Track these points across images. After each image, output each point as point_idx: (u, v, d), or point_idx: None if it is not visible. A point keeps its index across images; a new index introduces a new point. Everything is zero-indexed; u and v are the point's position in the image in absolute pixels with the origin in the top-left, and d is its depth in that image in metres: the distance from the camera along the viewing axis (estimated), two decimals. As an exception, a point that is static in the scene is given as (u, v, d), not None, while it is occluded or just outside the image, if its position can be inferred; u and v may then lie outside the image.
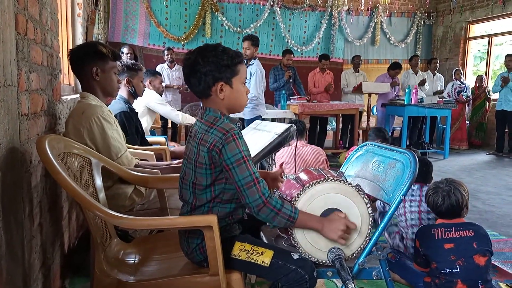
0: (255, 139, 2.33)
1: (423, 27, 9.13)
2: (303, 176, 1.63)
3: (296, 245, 1.45)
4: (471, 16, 8.40)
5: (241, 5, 7.75)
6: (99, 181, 1.68)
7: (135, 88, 2.84)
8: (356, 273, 1.50)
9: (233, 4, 7.71)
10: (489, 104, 7.79)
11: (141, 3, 7.11)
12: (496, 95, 7.09)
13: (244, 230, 1.53)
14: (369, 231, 1.47)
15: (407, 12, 9.01)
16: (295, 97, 6.17)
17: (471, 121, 7.96)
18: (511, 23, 7.82)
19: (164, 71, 6.19)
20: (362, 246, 1.48)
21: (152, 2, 7.22)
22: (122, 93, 2.78)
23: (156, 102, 3.74)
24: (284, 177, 1.74)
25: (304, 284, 1.36)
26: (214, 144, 1.34)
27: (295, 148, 3.38)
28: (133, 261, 1.59)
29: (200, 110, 1.49)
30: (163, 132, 5.87)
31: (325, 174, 1.56)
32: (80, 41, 3.49)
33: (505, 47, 8.47)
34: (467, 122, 7.88)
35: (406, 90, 6.36)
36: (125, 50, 5.67)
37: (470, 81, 8.29)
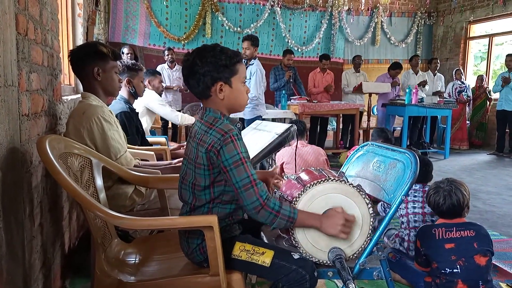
0: (255, 139, 2.33)
1: (423, 27, 9.13)
2: (304, 176, 1.63)
3: (297, 245, 1.45)
4: (472, 16, 8.39)
5: (241, 5, 7.75)
6: (99, 181, 1.68)
7: (136, 88, 2.84)
8: (356, 273, 1.50)
9: (233, 4, 7.71)
10: (489, 104, 7.79)
11: (142, 3, 7.11)
12: (497, 95, 7.08)
13: (244, 230, 1.53)
14: (370, 231, 1.47)
15: (407, 12, 9.01)
16: (295, 97, 6.17)
17: (472, 121, 7.95)
18: (511, 23, 7.81)
19: (165, 71, 6.18)
20: (363, 246, 1.48)
21: (152, 2, 7.22)
22: (123, 93, 2.78)
23: (155, 102, 3.73)
24: (285, 177, 1.74)
25: (305, 284, 1.35)
26: (213, 145, 1.34)
27: (296, 148, 3.38)
28: (134, 261, 1.59)
29: (200, 111, 1.48)
30: (164, 132, 5.86)
31: (326, 174, 1.56)
32: (80, 41, 3.49)
33: (506, 47, 8.47)
34: (468, 122, 7.87)
35: (407, 90, 6.35)
36: (125, 50, 5.67)
37: (471, 81, 8.28)
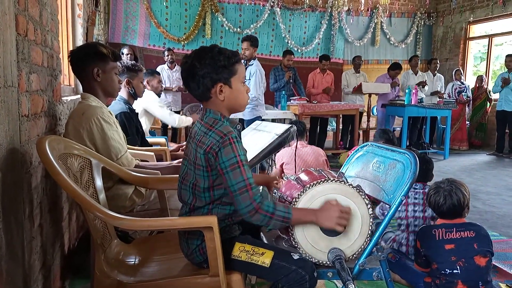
0: (255, 139, 2.33)
1: (423, 27, 9.13)
2: (303, 176, 1.63)
3: (297, 245, 1.45)
4: (471, 17, 8.39)
5: (241, 6, 7.75)
6: (99, 182, 1.68)
7: (135, 89, 2.84)
8: (356, 273, 1.50)
9: (233, 4, 7.71)
10: (489, 105, 7.79)
11: (141, 4, 7.11)
12: (497, 96, 7.09)
13: (244, 231, 1.53)
14: (369, 232, 1.48)
15: (407, 13, 9.01)
16: (295, 97, 6.17)
17: (471, 121, 7.95)
18: (511, 23, 7.82)
19: (164, 72, 6.18)
20: (362, 246, 1.48)
21: (152, 3, 7.22)
22: (122, 94, 2.78)
23: (154, 104, 3.69)
24: (284, 177, 1.74)
25: (305, 285, 1.35)
26: (211, 146, 1.34)
27: (295, 148, 3.38)
28: (133, 262, 1.59)
29: (200, 111, 1.48)
30: (163, 133, 5.86)
31: (325, 175, 1.56)
32: (80, 42, 3.49)
33: (505, 47, 8.47)
34: (467, 122, 7.87)
35: (406, 91, 6.35)
36: (125, 51, 5.67)
37: (470, 82, 8.28)
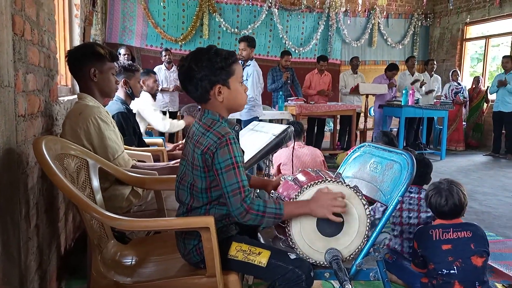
0: (252, 140, 2.33)
1: (420, 28, 9.16)
2: (301, 177, 1.63)
3: (294, 246, 1.45)
4: (468, 18, 8.43)
5: (238, 6, 7.75)
6: (96, 182, 1.68)
7: (132, 89, 2.84)
8: (353, 274, 1.51)
9: (230, 5, 7.72)
10: (487, 105, 7.82)
11: (139, 4, 7.11)
12: (495, 96, 7.11)
13: (241, 231, 1.53)
14: (366, 232, 1.48)
15: (404, 14, 9.04)
16: (292, 98, 6.18)
17: (468, 122, 7.98)
18: (507, 24, 7.85)
19: (162, 72, 6.18)
20: (359, 247, 1.48)
21: (149, 3, 7.21)
22: (119, 94, 2.78)
23: (148, 107, 3.62)
24: (281, 178, 1.74)
25: (301, 284, 1.35)
26: (208, 147, 1.34)
27: (293, 149, 3.38)
28: (130, 263, 1.59)
29: (199, 112, 1.48)
30: (161, 133, 5.84)
31: (323, 175, 1.56)
32: (77, 42, 3.49)
33: (502, 48, 8.50)
34: (464, 123, 7.90)
35: (403, 91, 6.37)
36: (122, 51, 5.66)
37: (467, 83, 8.32)
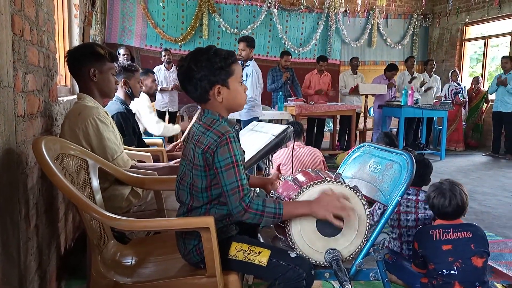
0: (252, 140, 2.33)
1: (419, 29, 9.17)
2: (300, 177, 1.63)
3: (294, 246, 1.45)
4: (467, 18, 8.43)
5: (238, 7, 7.75)
6: (95, 182, 1.68)
7: (132, 89, 2.84)
8: (353, 274, 1.51)
9: (230, 5, 7.72)
10: (487, 106, 7.83)
11: (138, 4, 7.10)
12: (494, 97, 7.11)
13: (241, 231, 1.53)
14: (366, 232, 1.48)
15: (403, 14, 9.05)
16: (292, 98, 6.18)
17: (468, 122, 7.98)
18: (507, 25, 7.86)
19: (161, 73, 6.18)
20: (359, 247, 1.48)
21: (149, 3, 7.21)
22: (119, 94, 2.78)
23: (144, 109, 3.57)
24: (281, 178, 1.74)
25: (302, 282, 1.35)
26: (209, 146, 1.34)
27: (292, 149, 3.38)
28: (130, 263, 1.59)
29: (198, 112, 1.49)
30: (160, 134, 5.84)
31: (322, 176, 1.56)
32: (76, 42, 3.48)
33: (501, 48, 8.51)
34: (464, 123, 7.90)
35: (403, 92, 6.37)
36: (121, 51, 5.66)
37: (466, 83, 8.32)
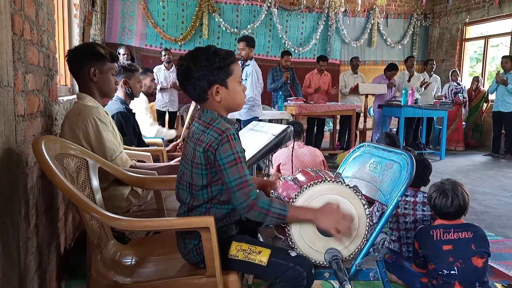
0: (252, 140, 2.33)
1: (419, 28, 9.16)
2: (300, 177, 1.63)
3: (294, 246, 1.45)
4: (467, 18, 8.43)
5: (238, 6, 7.75)
6: (95, 182, 1.68)
7: (132, 89, 2.83)
8: (353, 274, 1.51)
9: (230, 5, 7.71)
10: (487, 105, 7.82)
11: (138, 4, 7.10)
12: (494, 96, 7.11)
13: (241, 231, 1.53)
14: (366, 232, 1.48)
15: (403, 14, 9.04)
16: (292, 98, 6.18)
17: (468, 122, 7.98)
18: (507, 24, 7.86)
19: (161, 72, 6.18)
20: (359, 247, 1.48)
21: (149, 3, 7.21)
22: (119, 94, 2.77)
23: (140, 110, 3.49)
24: (281, 178, 1.74)
25: (302, 281, 1.35)
26: (210, 144, 1.34)
27: (292, 149, 3.38)
28: (130, 263, 1.59)
29: (198, 111, 1.49)
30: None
31: (322, 175, 1.57)
32: (76, 42, 3.48)
33: (501, 48, 8.51)
34: (464, 123, 7.90)
35: (403, 91, 6.37)
36: (121, 51, 5.66)
37: (466, 83, 8.32)
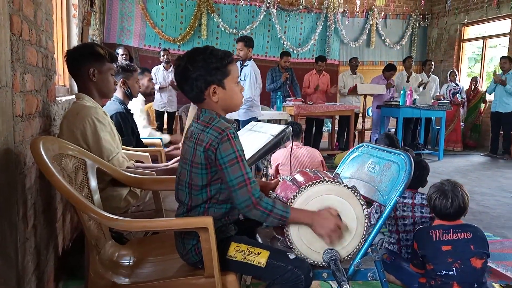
0: (250, 140, 2.33)
1: (418, 29, 9.18)
2: (299, 177, 1.63)
3: (292, 246, 1.45)
4: (466, 18, 8.44)
5: (237, 7, 7.75)
6: (94, 182, 1.67)
7: (131, 89, 2.83)
8: (351, 274, 1.51)
9: (229, 5, 7.71)
10: (485, 106, 7.83)
11: (137, 4, 7.10)
12: (492, 97, 7.12)
13: (239, 231, 1.53)
14: (364, 233, 1.48)
15: (402, 14, 9.05)
16: (290, 98, 6.18)
17: (466, 122, 7.99)
18: (505, 25, 7.87)
19: (160, 73, 6.18)
20: (357, 247, 1.48)
21: (147, 3, 7.20)
22: (118, 94, 2.77)
23: (135, 111, 3.42)
24: (280, 178, 1.74)
25: (300, 284, 1.36)
26: (210, 143, 1.34)
27: (291, 149, 3.38)
28: (128, 263, 1.59)
29: (196, 112, 1.49)
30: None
31: (321, 176, 1.57)
32: (75, 42, 3.48)
33: (500, 49, 8.53)
34: (462, 123, 7.91)
35: (401, 92, 6.38)
36: (120, 51, 5.65)
37: (465, 83, 8.33)
